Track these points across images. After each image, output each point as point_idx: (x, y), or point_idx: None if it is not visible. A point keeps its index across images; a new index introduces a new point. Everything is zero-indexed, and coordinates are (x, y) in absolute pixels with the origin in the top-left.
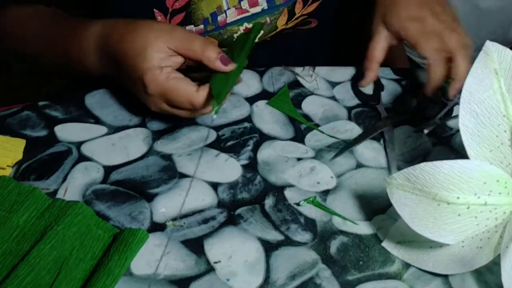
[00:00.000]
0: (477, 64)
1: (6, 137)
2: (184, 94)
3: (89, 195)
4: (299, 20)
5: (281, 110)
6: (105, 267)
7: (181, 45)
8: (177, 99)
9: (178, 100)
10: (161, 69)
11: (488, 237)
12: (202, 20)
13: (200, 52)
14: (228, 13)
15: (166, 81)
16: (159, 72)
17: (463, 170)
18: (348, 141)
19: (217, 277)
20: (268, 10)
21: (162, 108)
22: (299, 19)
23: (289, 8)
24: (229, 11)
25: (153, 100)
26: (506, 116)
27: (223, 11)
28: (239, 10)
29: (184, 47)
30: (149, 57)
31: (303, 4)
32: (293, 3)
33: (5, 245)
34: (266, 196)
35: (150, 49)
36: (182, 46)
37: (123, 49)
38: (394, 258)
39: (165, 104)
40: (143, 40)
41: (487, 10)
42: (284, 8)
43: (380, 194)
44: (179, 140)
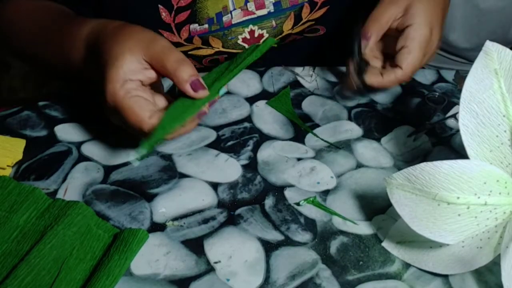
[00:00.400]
0: (477, 64)
1: (6, 137)
2: (135, 117)
3: (89, 195)
4: (306, 26)
5: (279, 111)
6: (105, 267)
7: (155, 59)
8: (128, 120)
9: (129, 121)
10: (125, 83)
11: (488, 237)
12: (207, 19)
13: (172, 70)
14: (233, 14)
15: (123, 98)
16: (120, 86)
17: (463, 170)
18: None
19: (217, 277)
20: (274, 13)
21: (115, 121)
22: (306, 24)
23: (296, 12)
24: (235, 12)
25: (108, 111)
26: (506, 116)
27: (229, 12)
28: (245, 12)
29: (157, 62)
30: (118, 66)
31: (310, 9)
32: (300, 8)
33: (5, 245)
34: (266, 196)
35: (122, 58)
36: (155, 60)
37: (103, 52)
38: (394, 258)
39: (117, 118)
40: (120, 47)
41: (487, 10)
42: (291, 12)
43: (380, 194)
44: (179, 140)
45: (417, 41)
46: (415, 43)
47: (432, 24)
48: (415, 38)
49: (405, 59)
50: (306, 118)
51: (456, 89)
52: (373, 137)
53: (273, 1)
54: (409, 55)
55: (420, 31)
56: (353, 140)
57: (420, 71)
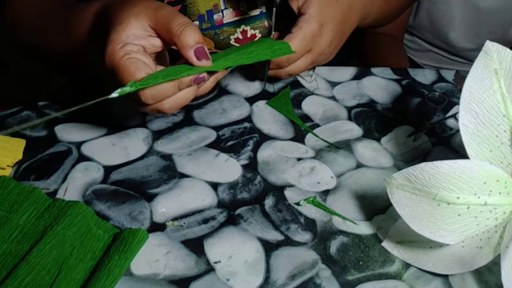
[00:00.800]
0: (477, 64)
1: (6, 137)
2: (130, 78)
3: (89, 195)
4: None
5: (279, 110)
6: (105, 267)
7: (160, 23)
8: (123, 81)
9: (124, 82)
10: (125, 45)
11: (488, 237)
12: (197, 16)
13: (176, 33)
14: (225, 13)
15: (121, 59)
16: (119, 47)
17: (463, 170)
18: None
19: (217, 277)
20: (266, 13)
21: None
22: None
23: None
24: (226, 11)
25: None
26: (506, 116)
27: (220, 10)
28: (236, 12)
29: (162, 26)
30: (121, 29)
31: None
32: None
33: (5, 245)
34: (266, 196)
35: (127, 22)
36: (160, 24)
37: (109, 18)
38: (394, 258)
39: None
40: (126, 12)
41: (486, 9)
42: None
43: (380, 194)
44: (179, 140)
45: (302, 32)
46: (299, 32)
47: (324, 21)
48: (301, 27)
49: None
50: (306, 118)
51: (456, 89)
52: (373, 137)
53: (265, 1)
54: (290, 41)
55: (308, 23)
56: (353, 140)
57: (420, 71)
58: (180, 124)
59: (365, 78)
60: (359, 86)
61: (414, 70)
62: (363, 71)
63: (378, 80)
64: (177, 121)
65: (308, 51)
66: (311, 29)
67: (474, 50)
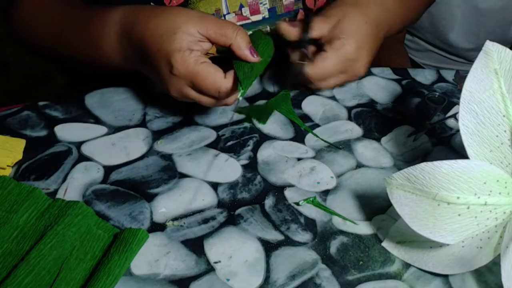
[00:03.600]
0: (477, 64)
1: (6, 137)
2: (212, 80)
3: (89, 195)
4: None
5: (279, 110)
6: (105, 267)
7: (214, 29)
8: (204, 84)
9: (205, 85)
10: (191, 52)
11: (488, 237)
12: None
13: (232, 36)
14: (227, 18)
15: (195, 64)
16: (189, 54)
17: (463, 170)
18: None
19: (217, 277)
20: (269, 19)
21: (184, 93)
22: None
23: (291, 19)
24: (229, 16)
25: (177, 83)
26: (506, 116)
27: (222, 15)
28: (239, 17)
29: (216, 31)
30: (179, 38)
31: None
32: (295, 14)
33: (5, 245)
34: (266, 196)
35: (180, 31)
36: (214, 30)
37: (149, 32)
38: (394, 258)
39: (188, 88)
40: (171, 23)
41: (486, 10)
42: (286, 18)
43: (380, 194)
44: (179, 140)
45: (338, 53)
46: (335, 53)
47: (360, 45)
48: (337, 49)
49: (317, 61)
50: (306, 118)
51: (456, 89)
52: (373, 137)
53: (268, 7)
54: (324, 60)
55: (345, 46)
56: (353, 140)
57: (420, 71)
58: (180, 124)
59: (365, 78)
60: (359, 86)
61: (414, 70)
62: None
63: (378, 80)
64: (177, 121)
65: (341, 72)
66: (346, 52)
67: (474, 50)
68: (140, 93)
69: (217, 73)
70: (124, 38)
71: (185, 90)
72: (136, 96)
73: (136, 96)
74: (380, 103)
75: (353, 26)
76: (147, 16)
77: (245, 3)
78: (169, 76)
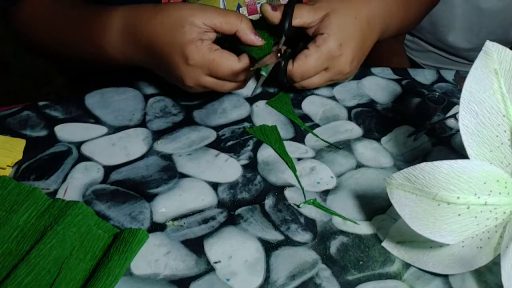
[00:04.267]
0: (477, 64)
1: (6, 137)
2: (227, 63)
3: (89, 195)
4: None
5: (279, 110)
6: (105, 267)
7: (218, 19)
8: (221, 69)
9: (221, 70)
10: (202, 41)
11: (488, 237)
12: None
13: (237, 23)
14: None
15: (210, 52)
16: (201, 43)
17: (463, 170)
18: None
19: (217, 277)
20: None
21: (200, 81)
22: None
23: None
24: None
25: (194, 73)
26: (506, 116)
27: None
28: None
29: (221, 20)
30: (189, 30)
31: None
32: None
33: (5, 245)
34: (266, 196)
35: (187, 23)
36: (219, 19)
37: (155, 30)
38: (394, 258)
39: (205, 77)
40: (177, 17)
41: (487, 10)
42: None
43: (380, 194)
44: (179, 140)
45: (318, 50)
46: (317, 50)
47: (343, 40)
48: (318, 45)
49: (298, 59)
50: (306, 118)
51: (456, 89)
52: (373, 137)
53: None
54: (305, 58)
55: (326, 42)
56: (353, 140)
57: (420, 71)
58: (180, 124)
59: (365, 78)
60: (359, 86)
61: (414, 70)
62: (363, 71)
63: (378, 80)
64: (177, 121)
65: (325, 69)
66: (328, 48)
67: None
68: (140, 93)
69: (231, 57)
70: (127, 38)
71: (202, 79)
72: (136, 96)
73: (136, 96)
74: (380, 103)
75: (339, 21)
76: (148, 16)
77: (243, 3)
78: (185, 67)
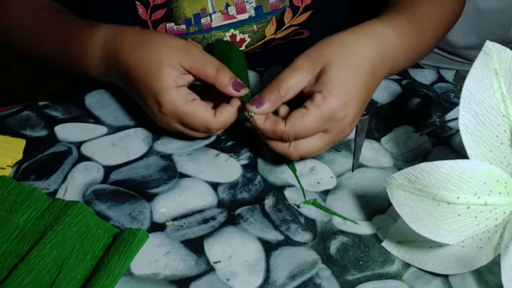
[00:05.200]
0: (477, 64)
1: (6, 137)
2: (202, 119)
3: (89, 195)
4: (290, 31)
5: None
6: (105, 267)
7: (195, 66)
8: (194, 123)
9: (194, 124)
10: (178, 89)
11: (488, 237)
12: (184, 19)
13: (213, 76)
14: (213, 17)
15: (184, 104)
16: (176, 92)
17: (463, 170)
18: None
19: (217, 277)
20: (255, 18)
21: (172, 127)
22: (289, 29)
23: (278, 17)
24: (215, 15)
25: (167, 120)
26: (506, 116)
27: (208, 14)
28: (225, 16)
29: (197, 69)
30: (165, 75)
31: (293, 14)
32: (281, 12)
33: (5, 245)
34: (266, 196)
35: (164, 67)
36: (196, 67)
37: (134, 63)
38: (394, 258)
39: (178, 125)
40: (156, 56)
41: (487, 10)
42: (272, 16)
43: (380, 194)
44: (179, 140)
45: (320, 110)
46: (315, 110)
47: (348, 99)
48: (318, 105)
49: (293, 118)
50: None
51: (456, 89)
52: (373, 137)
53: (254, 5)
54: (301, 118)
55: (328, 101)
56: (353, 140)
57: (420, 71)
58: None
59: None
60: None
61: (414, 70)
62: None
63: None
64: None
65: (324, 131)
66: (330, 109)
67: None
68: None
69: (206, 113)
70: (107, 62)
71: (173, 125)
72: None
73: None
74: (380, 103)
75: (340, 75)
76: (130, 45)
77: (231, 2)
78: (157, 113)
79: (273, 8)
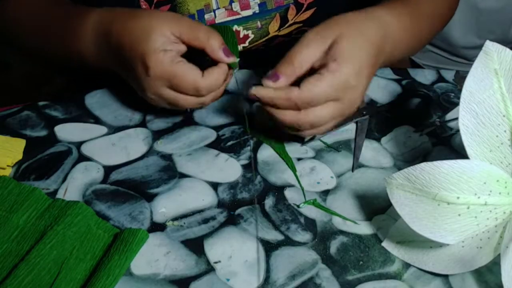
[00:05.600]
0: (477, 64)
1: (6, 137)
2: (190, 78)
3: (89, 195)
4: (294, 28)
5: None
6: (105, 267)
7: (187, 32)
8: (182, 83)
9: (183, 84)
10: (165, 52)
11: (488, 237)
12: (187, 15)
13: (205, 40)
14: (217, 13)
15: (171, 64)
16: (163, 54)
17: (463, 170)
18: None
19: (217, 277)
20: (259, 14)
21: (161, 94)
22: (293, 26)
23: (282, 14)
24: (219, 11)
25: (154, 85)
26: (506, 116)
27: (212, 10)
28: (229, 12)
29: (189, 34)
30: (153, 39)
31: (296, 11)
32: (285, 9)
33: (5, 245)
34: (266, 196)
35: (154, 33)
36: (187, 33)
37: (125, 34)
38: (394, 258)
39: (166, 89)
40: (146, 25)
41: (486, 10)
42: (276, 13)
43: (380, 194)
44: (179, 140)
45: (335, 76)
46: (330, 76)
47: (360, 69)
48: (333, 71)
49: (308, 83)
50: None
51: (456, 89)
52: (373, 137)
53: (258, 2)
54: (316, 82)
55: (343, 69)
56: (353, 140)
57: (420, 71)
58: (180, 124)
59: None
60: None
61: (414, 70)
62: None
63: (378, 80)
64: (177, 121)
65: (334, 99)
66: (345, 76)
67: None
68: None
69: (194, 71)
70: (102, 41)
71: (162, 91)
72: (136, 96)
73: (136, 96)
74: (380, 103)
75: (352, 46)
76: (124, 18)
77: None
78: (145, 78)
79: (277, 4)
